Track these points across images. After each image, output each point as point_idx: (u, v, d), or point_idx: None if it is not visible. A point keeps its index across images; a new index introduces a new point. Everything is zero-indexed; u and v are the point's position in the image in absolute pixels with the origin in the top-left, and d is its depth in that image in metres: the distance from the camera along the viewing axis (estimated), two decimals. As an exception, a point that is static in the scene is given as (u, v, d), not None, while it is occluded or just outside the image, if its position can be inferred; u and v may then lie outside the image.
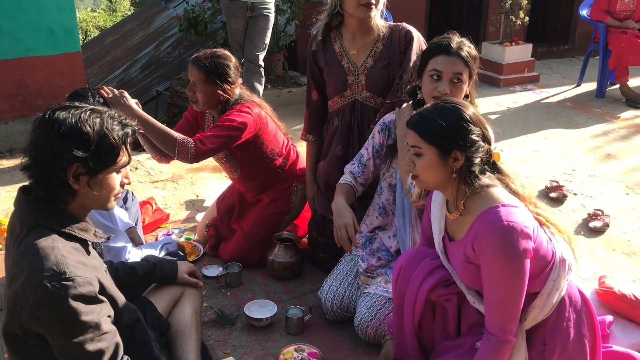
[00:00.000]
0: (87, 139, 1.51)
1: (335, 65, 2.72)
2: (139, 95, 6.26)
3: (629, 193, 3.77)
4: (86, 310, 1.45)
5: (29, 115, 5.08)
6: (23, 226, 1.52)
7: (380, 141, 2.49)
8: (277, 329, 2.46)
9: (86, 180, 1.54)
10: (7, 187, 3.90)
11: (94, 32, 14.19)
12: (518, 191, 1.79)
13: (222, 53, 2.73)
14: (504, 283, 1.69)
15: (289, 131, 3.11)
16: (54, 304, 1.42)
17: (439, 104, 1.81)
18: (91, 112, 1.55)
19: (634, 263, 2.98)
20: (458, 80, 2.21)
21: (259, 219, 2.93)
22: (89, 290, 1.47)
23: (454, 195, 1.79)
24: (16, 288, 1.44)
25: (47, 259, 1.44)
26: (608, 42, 5.63)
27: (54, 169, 1.49)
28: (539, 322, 1.84)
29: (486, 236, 1.67)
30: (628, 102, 5.60)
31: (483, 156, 1.76)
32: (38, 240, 1.47)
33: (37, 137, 1.52)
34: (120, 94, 2.48)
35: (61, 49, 5.07)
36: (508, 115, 5.35)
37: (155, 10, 8.84)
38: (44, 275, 1.41)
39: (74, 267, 1.46)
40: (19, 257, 1.48)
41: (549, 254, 1.77)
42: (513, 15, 6.04)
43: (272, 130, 2.87)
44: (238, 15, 4.75)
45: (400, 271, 2.00)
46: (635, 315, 2.32)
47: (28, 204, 1.55)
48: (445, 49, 2.22)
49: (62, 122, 1.50)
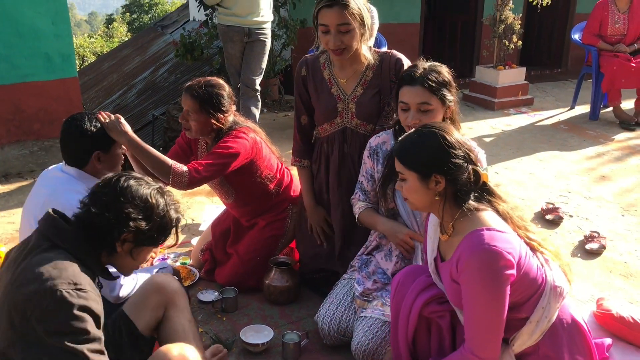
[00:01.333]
0: (150, 215, 1.66)
1: (324, 92, 2.69)
2: (136, 119, 6.28)
3: (624, 214, 3.78)
4: (92, 322, 1.51)
5: (25, 140, 5.09)
6: (45, 241, 1.60)
7: (371, 166, 2.50)
8: (274, 354, 2.43)
9: (130, 247, 1.68)
10: (2, 213, 3.87)
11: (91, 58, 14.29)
12: (507, 214, 1.81)
13: (216, 82, 2.75)
14: (479, 305, 1.71)
15: (285, 154, 3.12)
16: (66, 308, 1.47)
17: (419, 130, 1.85)
18: (158, 190, 1.71)
19: (632, 285, 2.98)
20: (425, 110, 2.23)
21: (254, 242, 2.91)
22: (98, 310, 1.54)
23: (443, 217, 1.84)
24: (27, 292, 1.48)
25: (66, 271, 1.53)
26: (600, 65, 5.69)
27: (112, 230, 1.62)
28: (532, 347, 1.83)
29: (467, 258, 1.69)
30: (621, 124, 5.65)
31: (467, 178, 1.78)
32: (58, 257, 1.56)
33: (106, 196, 1.65)
34: (117, 119, 2.49)
35: (58, 75, 5.11)
36: (503, 138, 5.38)
37: (152, 35, 8.92)
38: (60, 282, 1.49)
39: (88, 286, 1.55)
40: (35, 265, 1.53)
41: (538, 280, 1.77)
42: (506, 39, 6.12)
43: (266, 155, 2.88)
44: (235, 41, 4.80)
45: (397, 286, 2.03)
46: (633, 338, 2.30)
47: (61, 229, 1.63)
48: (408, 80, 2.26)
49: (135, 193, 1.65)
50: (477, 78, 6.54)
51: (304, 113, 2.82)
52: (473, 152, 1.82)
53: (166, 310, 2.02)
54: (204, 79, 2.78)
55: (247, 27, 4.73)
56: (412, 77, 2.24)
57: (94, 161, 2.45)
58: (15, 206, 3.91)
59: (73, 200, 2.37)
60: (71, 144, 2.45)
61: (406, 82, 2.27)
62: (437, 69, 2.28)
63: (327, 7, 2.42)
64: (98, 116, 2.49)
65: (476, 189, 1.80)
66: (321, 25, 2.46)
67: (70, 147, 2.46)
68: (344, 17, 2.40)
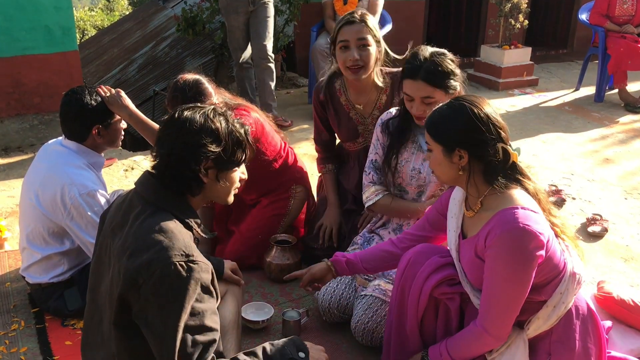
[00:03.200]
0: (217, 135, 1.62)
1: (344, 116, 2.84)
2: (136, 94, 6.22)
3: (628, 198, 3.76)
4: (200, 297, 1.51)
5: (25, 114, 5.06)
6: (146, 206, 1.59)
7: (382, 140, 2.49)
8: (274, 331, 2.44)
9: (215, 173, 1.65)
10: (2, 186, 3.86)
11: (92, 31, 14.14)
12: (537, 195, 1.77)
13: (189, 83, 2.54)
14: (502, 282, 1.69)
15: (286, 133, 3.10)
16: (177, 282, 1.47)
17: (450, 102, 1.82)
18: (214, 111, 1.67)
19: (633, 268, 2.97)
20: (429, 102, 2.23)
21: (256, 220, 2.90)
22: (207, 278, 1.54)
23: (470, 193, 1.81)
24: (140, 262, 1.48)
25: (177, 239, 1.52)
26: (607, 46, 5.62)
27: (188, 163, 1.59)
28: (545, 331, 1.82)
29: (500, 234, 1.66)
30: (626, 106, 5.60)
31: (494, 155, 1.73)
32: (165, 222, 1.55)
33: (169, 136, 1.62)
34: (117, 94, 2.46)
35: (58, 48, 5.05)
36: (506, 118, 5.28)
37: (153, 9, 8.80)
38: (174, 254, 1.48)
39: (197, 253, 1.54)
40: (145, 233, 1.53)
41: (560, 265, 1.75)
42: (512, 18, 6.03)
43: (269, 133, 2.84)
44: (239, 12, 4.71)
45: (408, 264, 2.00)
46: (634, 321, 2.30)
47: (157, 188, 1.63)
48: (409, 73, 2.27)
49: (193, 121, 1.61)
50: (482, 57, 6.46)
51: (324, 131, 2.98)
52: (504, 129, 1.77)
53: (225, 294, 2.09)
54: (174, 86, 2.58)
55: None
56: (413, 70, 2.24)
57: (94, 135, 2.43)
58: (15, 180, 3.90)
59: (72, 175, 2.38)
60: (71, 117, 2.42)
61: (407, 75, 2.27)
62: (439, 60, 2.24)
63: (348, 24, 2.60)
64: (98, 90, 2.46)
65: (506, 168, 1.76)
66: (341, 42, 2.61)
67: (70, 121, 2.43)
68: (363, 32, 2.58)
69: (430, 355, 1.90)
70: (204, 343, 1.51)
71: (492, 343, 1.77)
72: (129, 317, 1.53)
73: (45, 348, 2.34)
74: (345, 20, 2.63)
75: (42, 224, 2.42)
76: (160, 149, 1.64)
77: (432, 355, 1.89)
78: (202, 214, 2.89)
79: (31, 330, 2.45)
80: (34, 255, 2.46)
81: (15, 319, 2.51)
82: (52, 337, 2.40)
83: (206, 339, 1.52)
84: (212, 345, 1.54)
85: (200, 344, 1.51)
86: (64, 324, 2.47)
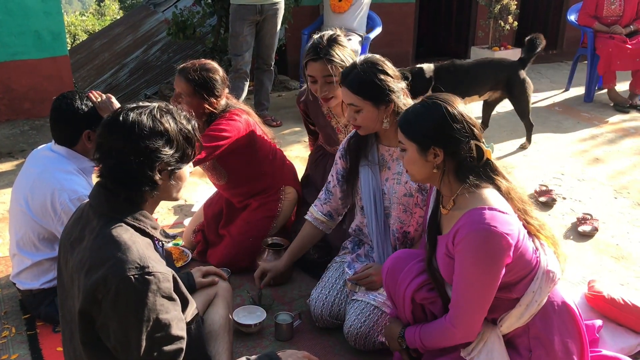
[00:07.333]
0: (169, 136, 1.57)
1: (325, 124, 2.91)
2: (128, 99, 6.22)
3: (617, 197, 3.78)
4: (162, 308, 1.47)
5: (16, 120, 5.04)
6: (100, 218, 1.54)
7: (342, 166, 2.49)
8: (266, 335, 2.43)
9: (167, 174, 1.60)
10: (-7, 192, 3.84)
11: (83, 36, 14.10)
12: (509, 194, 1.79)
13: (211, 66, 2.71)
14: (469, 282, 1.71)
15: (277, 135, 3.12)
16: (135, 296, 1.43)
17: (423, 101, 1.84)
18: (159, 110, 1.60)
19: (623, 267, 2.99)
20: (357, 110, 2.24)
21: (247, 223, 2.90)
22: (167, 287, 1.49)
23: (443, 191, 1.82)
24: (96, 278, 1.44)
25: (130, 251, 1.46)
26: (596, 47, 5.66)
27: (143, 170, 1.53)
28: (521, 328, 1.84)
29: (466, 234, 1.68)
30: (616, 106, 5.64)
31: (468, 153, 1.75)
32: (118, 233, 1.50)
33: (116, 143, 1.53)
34: (108, 99, 2.45)
35: (48, 53, 5.04)
36: (497, 119, 5.36)
37: (144, 14, 8.79)
38: (127, 267, 1.43)
39: (154, 262, 1.48)
40: (98, 248, 1.49)
41: (532, 263, 1.77)
42: (502, 20, 6.07)
43: (260, 136, 2.85)
44: (246, 19, 4.71)
45: (388, 272, 2.03)
46: (624, 320, 2.32)
47: (108, 198, 1.57)
48: (342, 77, 2.29)
49: (141, 124, 1.53)
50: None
51: (312, 127, 3.09)
52: (477, 127, 1.79)
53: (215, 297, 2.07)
54: (198, 61, 2.74)
55: (260, 4, 4.68)
56: (343, 75, 2.26)
57: (84, 140, 2.42)
58: (5, 186, 3.87)
59: (62, 180, 2.37)
60: (61, 122, 2.42)
61: (341, 80, 2.29)
62: (361, 73, 2.19)
63: (312, 61, 2.60)
64: (89, 95, 2.45)
65: (479, 165, 1.77)
66: (309, 76, 2.66)
67: (60, 125, 2.43)
68: (328, 69, 2.57)
69: (407, 336, 1.94)
70: (171, 352, 1.50)
71: (460, 338, 1.80)
72: (95, 333, 1.51)
73: (36, 355, 2.32)
74: (310, 54, 2.60)
75: (33, 229, 2.41)
76: (107, 158, 1.55)
77: (408, 337, 1.94)
78: None
79: (22, 337, 2.43)
80: (25, 261, 2.45)
81: (7, 326, 2.49)
82: (43, 344, 2.39)
83: (173, 347, 1.51)
84: (180, 354, 1.53)
85: (167, 354, 1.49)
86: (55, 331, 2.45)
